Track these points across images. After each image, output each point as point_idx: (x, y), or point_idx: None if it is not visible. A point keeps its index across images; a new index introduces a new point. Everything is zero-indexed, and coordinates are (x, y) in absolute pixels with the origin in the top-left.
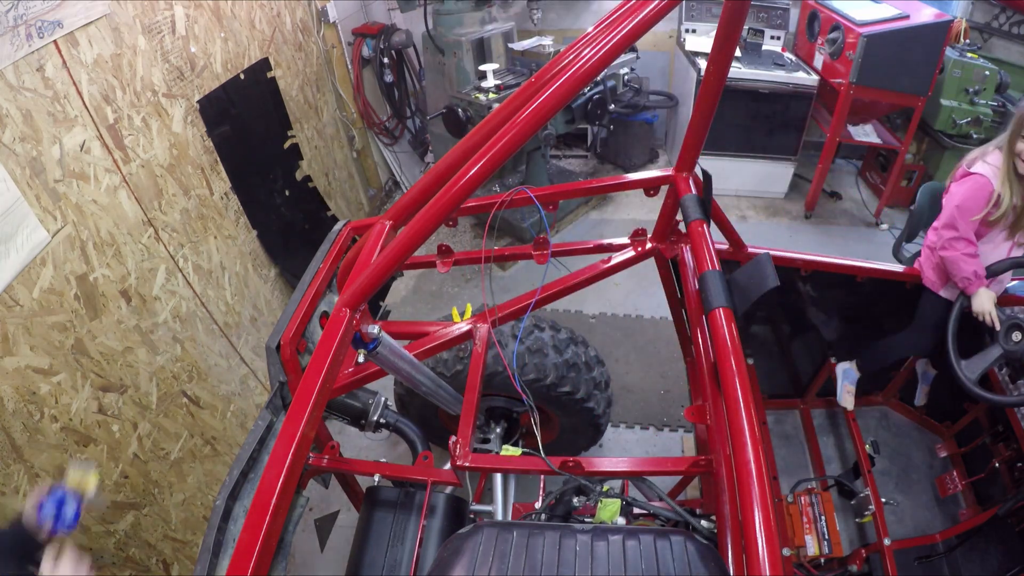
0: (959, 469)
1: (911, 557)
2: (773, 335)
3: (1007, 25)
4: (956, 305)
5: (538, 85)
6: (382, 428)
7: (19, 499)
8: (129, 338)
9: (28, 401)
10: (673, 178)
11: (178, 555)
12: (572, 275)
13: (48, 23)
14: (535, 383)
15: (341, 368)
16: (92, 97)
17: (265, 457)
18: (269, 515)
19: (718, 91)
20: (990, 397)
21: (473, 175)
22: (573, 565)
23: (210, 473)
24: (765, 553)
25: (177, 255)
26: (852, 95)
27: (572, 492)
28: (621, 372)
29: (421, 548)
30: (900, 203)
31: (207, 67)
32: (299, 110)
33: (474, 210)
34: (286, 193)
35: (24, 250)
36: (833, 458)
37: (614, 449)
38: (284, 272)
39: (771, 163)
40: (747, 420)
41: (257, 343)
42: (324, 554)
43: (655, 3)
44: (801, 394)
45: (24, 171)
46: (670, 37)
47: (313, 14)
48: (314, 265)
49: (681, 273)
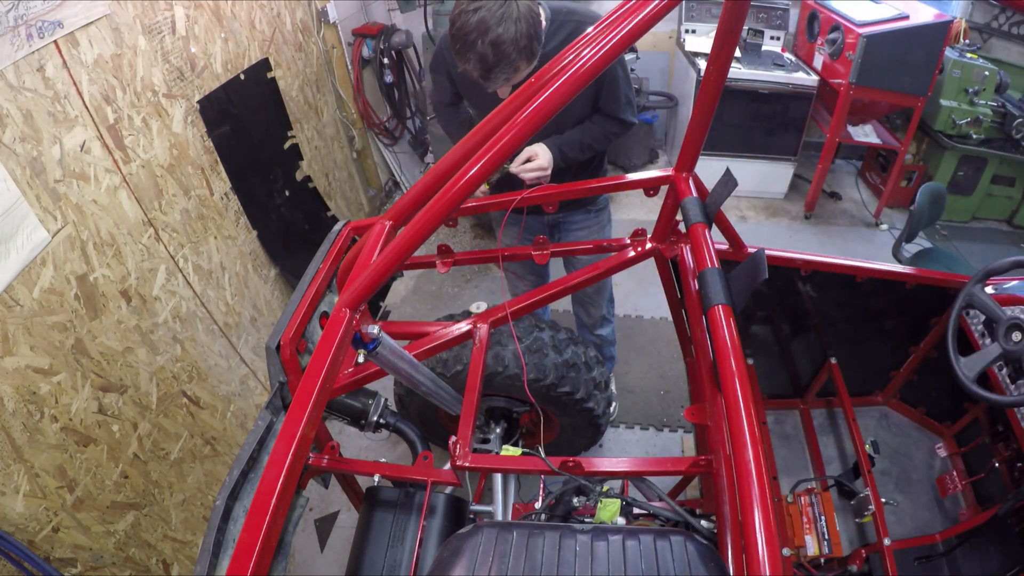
0: (959, 469)
1: (911, 557)
2: (773, 335)
3: (1007, 25)
4: (957, 304)
5: (538, 85)
6: (382, 428)
7: (19, 499)
8: (129, 338)
9: (28, 401)
10: (673, 178)
11: (178, 555)
12: (572, 275)
13: (48, 23)
14: (535, 383)
15: (341, 368)
16: (92, 97)
17: (265, 457)
18: (269, 515)
19: (718, 91)
20: (990, 397)
21: (473, 175)
22: (573, 565)
23: (210, 473)
24: (765, 553)
25: (177, 255)
26: (852, 95)
27: (572, 492)
28: (621, 372)
29: (421, 548)
30: (900, 203)
31: (207, 67)
32: (299, 110)
33: (474, 210)
34: (286, 193)
35: (24, 250)
36: (833, 458)
37: (614, 449)
38: (284, 272)
39: (771, 163)
40: (747, 420)
41: (257, 343)
42: (324, 554)
43: (655, 3)
44: (801, 394)
45: (24, 171)
46: (670, 37)
47: (313, 14)
48: (314, 265)
49: (681, 273)
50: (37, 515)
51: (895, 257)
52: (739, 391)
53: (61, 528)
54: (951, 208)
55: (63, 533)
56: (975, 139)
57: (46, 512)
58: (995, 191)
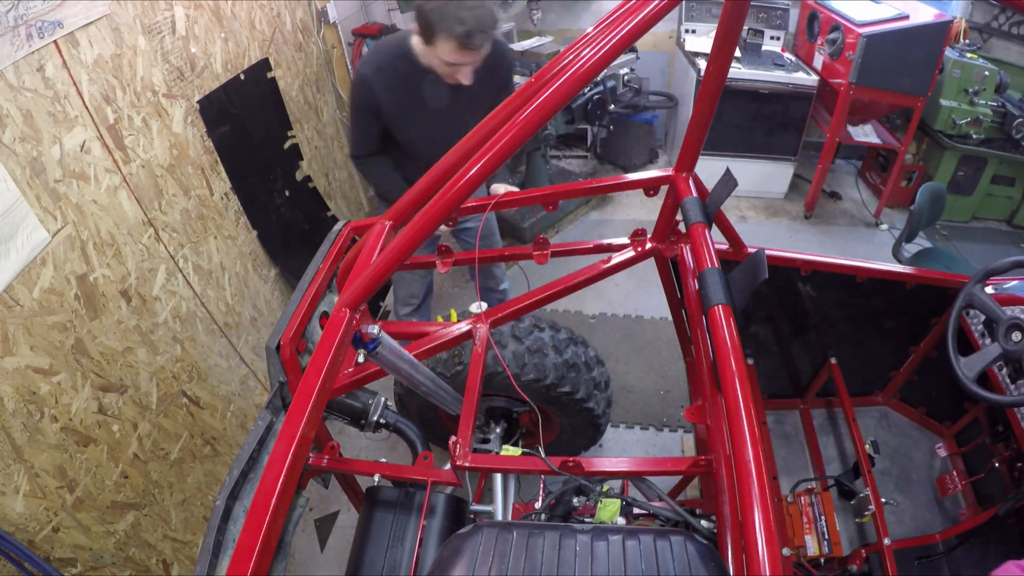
0: (959, 469)
1: (911, 557)
2: (773, 335)
3: (1007, 25)
4: (957, 304)
5: (538, 85)
6: (382, 428)
7: (19, 499)
8: (129, 338)
9: (28, 401)
10: (673, 178)
11: (178, 555)
12: (572, 275)
13: (48, 23)
14: (535, 383)
15: (341, 368)
16: (92, 97)
17: (265, 457)
18: (269, 515)
19: (718, 91)
20: (990, 397)
21: (473, 175)
22: (573, 565)
23: (210, 473)
24: (765, 553)
25: (177, 255)
26: (852, 95)
27: (572, 492)
28: (621, 372)
29: (421, 548)
30: (900, 203)
31: (207, 67)
32: (299, 110)
33: (474, 210)
34: (286, 193)
35: (24, 250)
36: (833, 458)
37: (614, 449)
38: (284, 272)
39: (771, 163)
40: (747, 420)
41: (257, 343)
42: (324, 554)
43: (655, 3)
44: (801, 394)
45: (24, 171)
46: (670, 37)
47: (313, 14)
48: (314, 265)
49: (681, 273)
50: (37, 515)
51: (895, 257)
52: (739, 391)
53: (61, 528)
54: (951, 208)
55: (63, 533)
56: (975, 139)
57: (46, 512)
58: (995, 191)
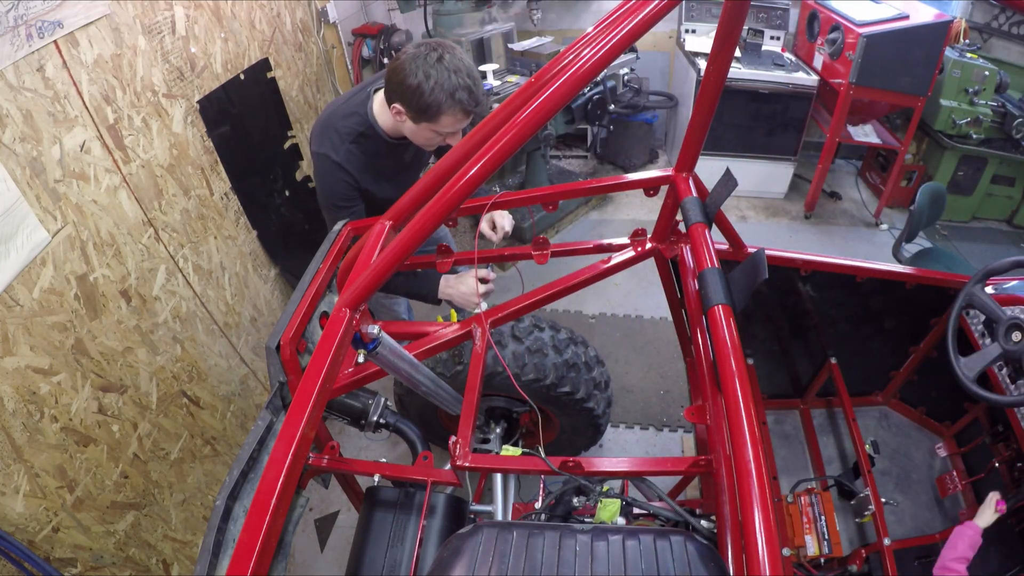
0: (959, 469)
1: (911, 557)
2: (773, 335)
3: (1007, 25)
4: (957, 304)
5: (538, 85)
6: (382, 428)
7: (19, 499)
8: (129, 338)
9: (28, 401)
10: (673, 178)
11: (178, 555)
12: (572, 275)
13: (48, 23)
14: (535, 383)
15: (341, 368)
16: (92, 97)
17: (265, 457)
18: (269, 515)
19: (718, 91)
20: (990, 397)
21: (473, 175)
22: (573, 565)
23: (210, 473)
24: (765, 553)
25: (177, 255)
26: (852, 95)
27: (572, 492)
28: (621, 372)
29: (421, 548)
30: (900, 203)
31: (207, 67)
32: (299, 110)
33: (474, 210)
34: (286, 193)
35: (24, 250)
36: (833, 458)
37: (614, 449)
38: (284, 272)
39: (771, 163)
40: (747, 420)
41: (257, 343)
42: (324, 554)
43: (655, 3)
44: (801, 394)
45: (24, 171)
46: (670, 37)
47: (313, 14)
48: (314, 265)
49: (681, 273)
50: (37, 515)
51: (895, 257)
52: (739, 391)
53: (61, 528)
54: (951, 208)
55: (63, 533)
56: (975, 139)
57: (46, 512)
58: (995, 191)
